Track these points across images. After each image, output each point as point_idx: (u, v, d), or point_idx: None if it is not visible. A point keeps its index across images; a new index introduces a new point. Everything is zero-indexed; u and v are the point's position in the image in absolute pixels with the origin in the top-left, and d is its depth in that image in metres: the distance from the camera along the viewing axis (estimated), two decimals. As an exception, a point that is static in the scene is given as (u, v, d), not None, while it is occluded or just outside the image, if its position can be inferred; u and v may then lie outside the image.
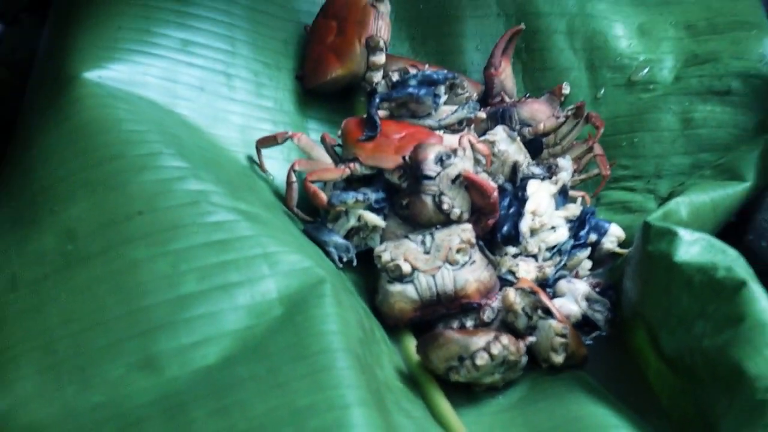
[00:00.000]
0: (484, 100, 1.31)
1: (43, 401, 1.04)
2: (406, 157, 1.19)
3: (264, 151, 1.25)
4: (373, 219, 1.19)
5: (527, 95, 1.31)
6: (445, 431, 1.09)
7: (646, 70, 1.34)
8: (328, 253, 1.17)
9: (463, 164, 1.18)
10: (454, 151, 1.19)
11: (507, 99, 1.30)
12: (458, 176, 1.18)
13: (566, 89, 1.31)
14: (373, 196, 1.20)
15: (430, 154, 1.17)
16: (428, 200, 1.18)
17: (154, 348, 1.05)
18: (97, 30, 1.28)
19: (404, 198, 1.20)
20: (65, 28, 1.30)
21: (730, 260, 1.08)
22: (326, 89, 1.31)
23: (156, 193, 1.14)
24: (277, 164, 1.26)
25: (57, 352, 1.06)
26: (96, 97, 1.21)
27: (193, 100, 1.26)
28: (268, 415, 0.99)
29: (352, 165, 1.22)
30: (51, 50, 1.31)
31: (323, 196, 1.20)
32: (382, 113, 1.26)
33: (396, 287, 1.15)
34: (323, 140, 1.26)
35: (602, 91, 1.34)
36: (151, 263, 1.09)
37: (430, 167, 1.17)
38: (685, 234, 1.10)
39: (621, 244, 1.23)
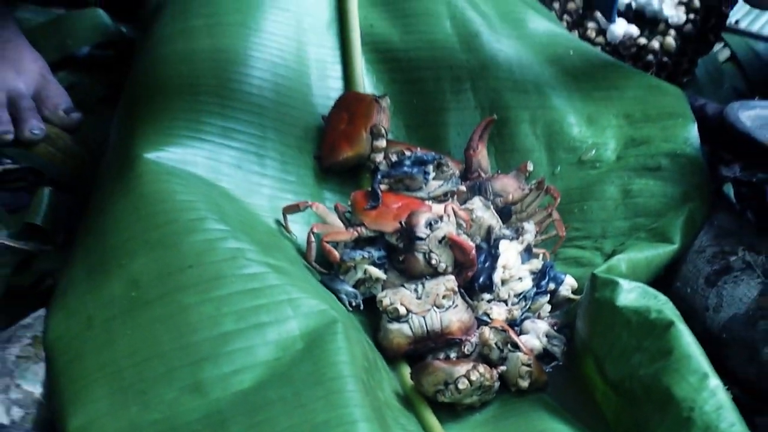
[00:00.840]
0: (464, 176, 1.30)
1: (113, 418, 1.04)
2: (403, 223, 1.19)
3: (289, 217, 1.24)
4: (376, 272, 1.18)
5: (498, 172, 1.31)
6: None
7: (593, 152, 1.34)
8: (340, 299, 1.16)
9: (447, 228, 1.18)
10: (441, 218, 1.18)
11: (483, 175, 1.29)
12: (444, 237, 1.17)
13: (530, 167, 1.30)
14: (376, 254, 1.20)
15: (422, 220, 1.17)
16: (420, 257, 1.18)
17: (200, 375, 1.04)
18: (156, 119, 1.27)
19: (401, 255, 1.20)
20: (131, 118, 1.30)
21: (661, 304, 1.09)
22: (338, 167, 1.30)
23: (203, 251, 1.14)
24: (299, 227, 1.25)
25: (124, 378, 1.06)
26: (155, 174, 1.21)
27: (232, 176, 1.26)
28: (292, 430, 0.99)
29: (359, 229, 1.22)
30: (119, 135, 1.30)
31: (336, 254, 1.19)
32: (383, 187, 1.26)
33: (394, 326, 1.14)
34: (336, 209, 1.26)
35: (558, 169, 1.34)
36: (199, 307, 1.09)
37: (422, 230, 1.17)
38: (624, 284, 1.11)
39: (574, 292, 1.22)
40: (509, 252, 1.22)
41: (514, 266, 1.21)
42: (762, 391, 1.15)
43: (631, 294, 1.10)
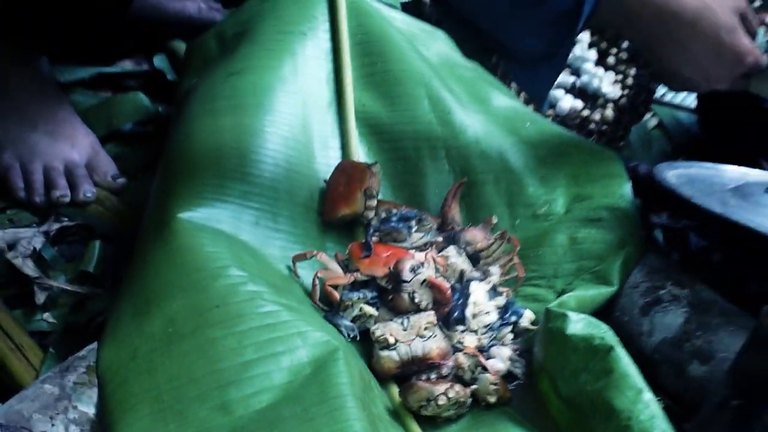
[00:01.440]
0: (440, 228, 1.29)
1: (157, 417, 1.06)
2: (391, 269, 1.19)
3: (297, 264, 1.24)
4: (369, 309, 1.18)
5: (469, 225, 1.30)
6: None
7: (546, 207, 1.33)
8: (340, 332, 1.16)
9: (428, 272, 1.19)
10: (422, 264, 1.19)
11: (456, 227, 1.29)
12: (425, 280, 1.18)
13: (494, 220, 1.29)
14: (369, 294, 1.20)
15: (406, 266, 1.18)
16: (405, 296, 1.18)
17: (227, 397, 1.05)
18: (187, 184, 1.27)
19: (389, 295, 1.20)
20: (167, 183, 1.30)
21: (603, 332, 1.09)
22: (337, 222, 1.30)
23: (227, 293, 1.14)
24: (305, 272, 1.24)
25: (163, 401, 1.06)
26: (186, 230, 1.21)
27: (250, 231, 1.26)
28: None
29: (355, 274, 1.22)
30: (157, 197, 1.30)
31: (336, 295, 1.20)
32: (374, 239, 1.26)
33: (384, 353, 1.14)
34: (336, 257, 1.25)
35: (517, 221, 1.33)
36: (225, 340, 1.10)
37: (407, 275, 1.18)
38: (573, 316, 1.11)
39: (532, 323, 1.22)
40: (478, 291, 1.22)
41: (482, 302, 1.21)
42: (688, 402, 1.16)
43: (578, 324, 1.10)
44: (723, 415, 1.04)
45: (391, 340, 1.15)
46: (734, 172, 1.38)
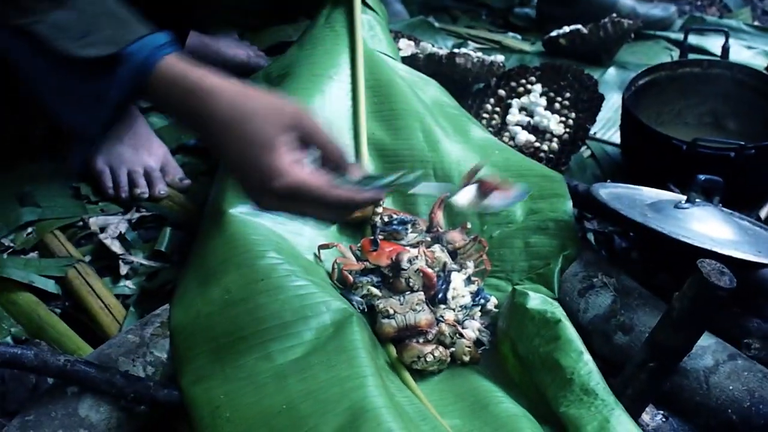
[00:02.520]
0: (428, 230, 1.27)
1: (212, 376, 1.05)
2: (393, 259, 1.18)
3: (321, 251, 1.23)
4: (375, 290, 1.17)
5: (450, 228, 1.28)
6: (410, 391, 1.08)
7: (507, 213, 1.31)
8: (352, 305, 1.14)
9: (420, 263, 1.18)
10: (416, 257, 1.18)
11: (440, 230, 1.27)
12: (418, 269, 1.17)
13: (469, 225, 1.27)
14: (375, 279, 1.19)
15: (404, 258, 1.17)
16: (402, 281, 1.17)
17: (270, 349, 1.05)
18: (235, 189, 1.23)
19: (391, 279, 1.19)
20: (221, 186, 1.28)
21: (554, 308, 1.10)
22: (352, 222, 1.27)
23: (269, 270, 1.12)
24: (326, 259, 1.23)
25: (220, 351, 1.06)
26: (235, 222, 1.19)
27: (285, 225, 1.23)
28: (327, 380, 1.00)
29: (365, 263, 1.21)
30: (214, 197, 1.28)
31: (350, 278, 1.18)
32: (380, 237, 1.24)
33: (385, 321, 1.13)
34: (351, 248, 1.24)
35: (485, 227, 1.31)
36: (268, 305, 1.09)
37: (404, 264, 1.17)
38: (532, 294, 1.12)
39: (495, 306, 1.22)
40: (457, 279, 1.21)
41: (459, 288, 1.20)
42: (614, 363, 1.15)
43: (536, 300, 1.11)
44: (642, 373, 1.05)
45: (391, 312, 1.14)
46: (650, 192, 1.37)
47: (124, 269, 1.34)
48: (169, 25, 1.05)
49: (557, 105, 1.63)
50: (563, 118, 1.61)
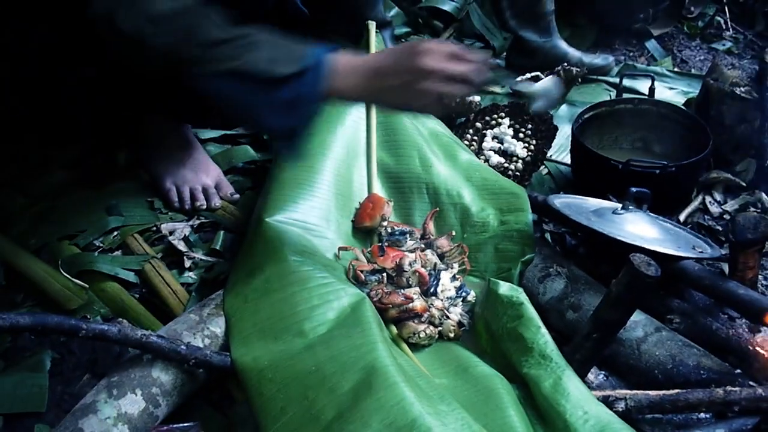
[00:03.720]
0: (422, 237, 1.26)
1: (259, 348, 1.05)
2: (397, 262, 1.18)
3: (340, 252, 1.22)
4: (381, 287, 1.17)
5: (438, 236, 1.27)
6: (408, 357, 1.08)
7: (482, 224, 1.29)
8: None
9: (417, 266, 1.18)
10: (414, 261, 1.18)
11: (431, 237, 1.25)
12: (415, 270, 1.17)
13: (453, 234, 1.25)
14: (381, 276, 1.19)
15: (406, 262, 1.17)
16: (403, 279, 1.17)
17: (302, 327, 1.05)
18: (273, 202, 1.25)
19: (395, 278, 1.18)
20: (263, 200, 1.27)
21: (519, 293, 1.08)
22: (362, 230, 1.26)
23: (298, 265, 1.13)
24: (344, 258, 1.22)
25: (264, 330, 1.06)
26: (271, 228, 1.20)
27: (312, 230, 1.23)
28: (346, 347, 1.00)
29: (374, 265, 1.20)
30: (258, 207, 1.28)
31: (363, 276, 1.17)
32: (386, 244, 1.23)
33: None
34: (362, 252, 1.22)
35: (465, 235, 1.28)
36: (300, 293, 1.09)
37: (406, 267, 1.16)
38: (502, 283, 1.10)
39: (473, 298, 1.21)
40: (445, 277, 1.20)
41: (446, 284, 1.20)
42: (566, 334, 1.15)
43: (504, 287, 1.10)
44: (587, 342, 1.05)
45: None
46: (593, 201, 1.36)
47: (187, 263, 1.34)
48: None
49: (521, 134, 1.61)
50: (526, 145, 1.60)
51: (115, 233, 1.39)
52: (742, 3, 2.27)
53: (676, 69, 2.06)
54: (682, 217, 1.48)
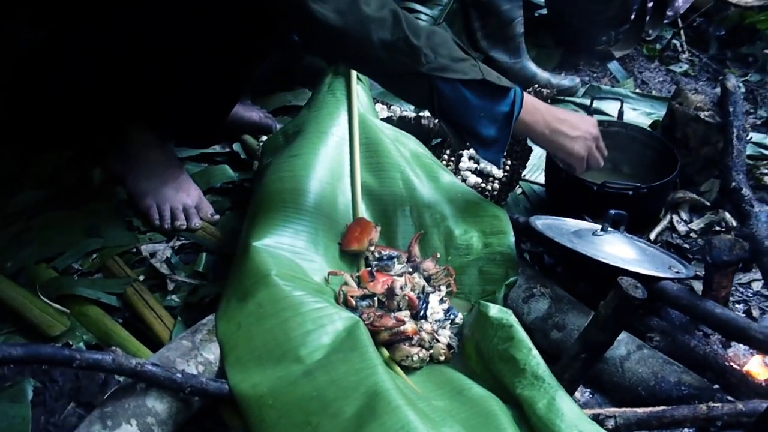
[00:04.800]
0: (408, 260, 1.26)
1: (256, 375, 1.03)
2: (388, 287, 1.18)
3: (330, 277, 1.22)
4: (372, 311, 1.16)
5: (424, 258, 1.27)
6: (404, 380, 1.08)
7: (466, 247, 1.30)
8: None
9: (407, 290, 1.18)
10: (404, 285, 1.18)
11: (417, 260, 1.25)
12: (405, 294, 1.17)
13: (438, 256, 1.26)
14: (371, 302, 1.19)
15: (397, 286, 1.17)
16: (394, 302, 1.17)
17: (299, 353, 1.04)
18: (260, 225, 1.24)
19: (386, 302, 1.18)
20: (249, 223, 1.26)
21: (508, 315, 1.09)
22: (349, 253, 1.26)
23: (290, 289, 1.11)
24: (334, 283, 1.21)
25: (261, 356, 1.06)
26: (259, 252, 1.18)
27: (300, 254, 1.22)
28: (345, 371, 1.00)
29: (364, 290, 1.19)
30: (244, 231, 1.27)
31: (353, 302, 1.17)
32: (375, 270, 1.23)
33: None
34: (351, 276, 1.21)
35: (449, 257, 1.28)
36: (294, 318, 1.08)
37: (397, 291, 1.17)
38: (491, 305, 1.11)
39: (460, 320, 1.21)
40: (433, 300, 1.21)
41: (435, 307, 1.20)
42: (551, 354, 1.16)
43: (494, 310, 1.10)
44: (576, 362, 1.08)
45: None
46: (572, 222, 1.40)
47: (170, 286, 1.33)
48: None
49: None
50: (501, 165, 1.62)
51: (94, 255, 1.37)
52: (696, 27, 2.37)
53: (638, 90, 2.12)
54: (652, 236, 1.53)
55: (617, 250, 1.25)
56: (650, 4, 2.27)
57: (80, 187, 1.50)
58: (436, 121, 1.66)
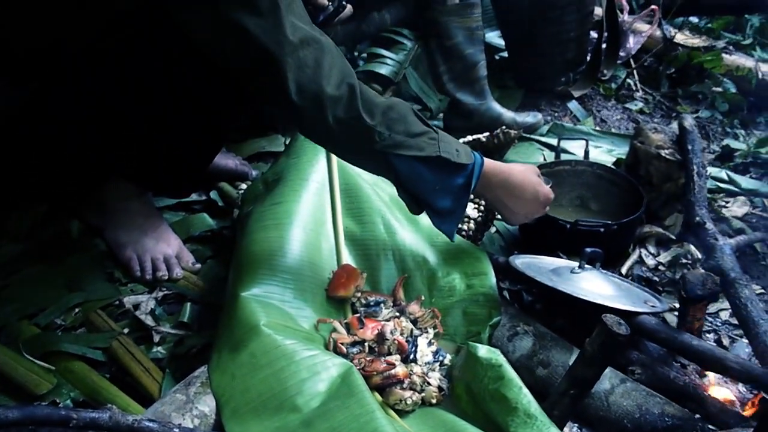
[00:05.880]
0: (394, 304, 1.28)
1: (253, 426, 1.03)
2: (378, 332, 1.20)
3: (319, 325, 1.23)
4: (363, 356, 1.18)
5: (408, 302, 1.29)
6: (401, 424, 1.09)
7: (449, 288, 1.32)
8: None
9: (396, 334, 1.20)
10: (394, 329, 1.20)
11: (402, 303, 1.27)
12: (394, 339, 1.19)
13: (422, 298, 1.28)
14: (363, 347, 1.20)
15: (387, 330, 1.19)
16: (385, 347, 1.19)
17: (295, 402, 1.05)
18: (248, 274, 1.24)
19: (376, 347, 1.20)
20: (236, 272, 1.26)
21: (497, 355, 1.12)
22: (336, 299, 1.26)
23: (281, 338, 1.12)
24: (322, 330, 1.22)
25: (257, 408, 1.06)
26: (247, 302, 1.19)
27: (289, 303, 1.23)
28: (345, 418, 1.01)
29: (354, 337, 1.21)
30: (231, 281, 1.27)
31: (344, 349, 1.18)
32: (363, 316, 1.25)
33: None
34: (340, 323, 1.22)
35: (433, 299, 1.30)
36: (289, 367, 1.09)
37: (388, 336, 1.19)
38: (480, 346, 1.14)
39: (449, 361, 1.22)
40: (421, 342, 1.22)
41: (424, 349, 1.21)
42: (537, 391, 1.16)
43: (483, 350, 1.13)
44: (565, 398, 1.10)
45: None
46: (548, 260, 1.44)
47: (156, 338, 1.32)
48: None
49: (471, 196, 1.66)
50: (476, 206, 1.63)
51: (77, 310, 1.35)
52: (647, 66, 2.48)
53: (597, 128, 2.20)
54: (623, 270, 1.58)
55: (595, 286, 1.29)
56: (603, 46, 2.37)
57: (58, 241, 1.48)
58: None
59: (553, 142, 2.04)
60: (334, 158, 1.45)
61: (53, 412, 0.94)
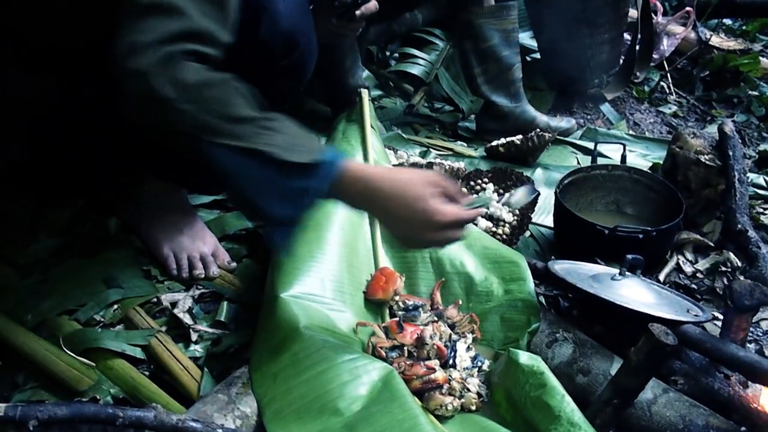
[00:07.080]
0: (431, 308, 1.28)
1: (298, 427, 1.03)
2: (418, 336, 1.19)
3: (358, 328, 1.22)
4: (402, 360, 1.17)
5: (446, 306, 1.29)
6: (442, 430, 1.08)
7: (487, 293, 1.31)
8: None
9: (435, 339, 1.19)
10: (433, 334, 1.20)
11: (440, 307, 1.27)
12: (433, 344, 1.18)
13: (460, 302, 1.28)
14: (402, 351, 1.20)
15: (427, 335, 1.18)
16: (424, 352, 1.18)
17: (337, 405, 1.04)
18: (286, 276, 1.24)
19: (415, 352, 1.19)
20: (274, 274, 1.26)
21: (538, 362, 1.10)
22: (374, 302, 1.27)
23: (322, 342, 1.11)
24: (361, 333, 1.22)
25: (299, 410, 1.06)
26: (290, 304, 1.19)
27: (328, 305, 1.23)
28: (388, 423, 1.01)
29: (394, 341, 1.20)
30: (269, 284, 1.26)
31: (383, 353, 1.17)
32: (402, 321, 1.24)
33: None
34: (379, 326, 1.22)
35: (471, 305, 1.30)
36: (331, 369, 1.09)
37: (427, 340, 1.18)
38: (521, 353, 1.12)
39: (488, 367, 1.22)
40: (460, 347, 1.21)
41: (463, 354, 1.21)
42: (577, 398, 1.12)
43: (524, 356, 1.11)
44: (608, 407, 1.09)
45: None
46: (587, 266, 1.42)
47: (194, 336, 1.32)
48: None
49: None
50: (511, 209, 1.64)
51: (116, 306, 1.35)
52: (681, 69, 2.45)
53: (631, 132, 2.18)
54: (661, 277, 1.57)
55: (636, 294, 1.28)
56: (637, 48, 2.35)
57: (95, 236, 1.49)
58: (446, 165, 1.69)
59: (587, 145, 2.03)
60: (372, 159, 1.44)
61: (100, 410, 0.94)
